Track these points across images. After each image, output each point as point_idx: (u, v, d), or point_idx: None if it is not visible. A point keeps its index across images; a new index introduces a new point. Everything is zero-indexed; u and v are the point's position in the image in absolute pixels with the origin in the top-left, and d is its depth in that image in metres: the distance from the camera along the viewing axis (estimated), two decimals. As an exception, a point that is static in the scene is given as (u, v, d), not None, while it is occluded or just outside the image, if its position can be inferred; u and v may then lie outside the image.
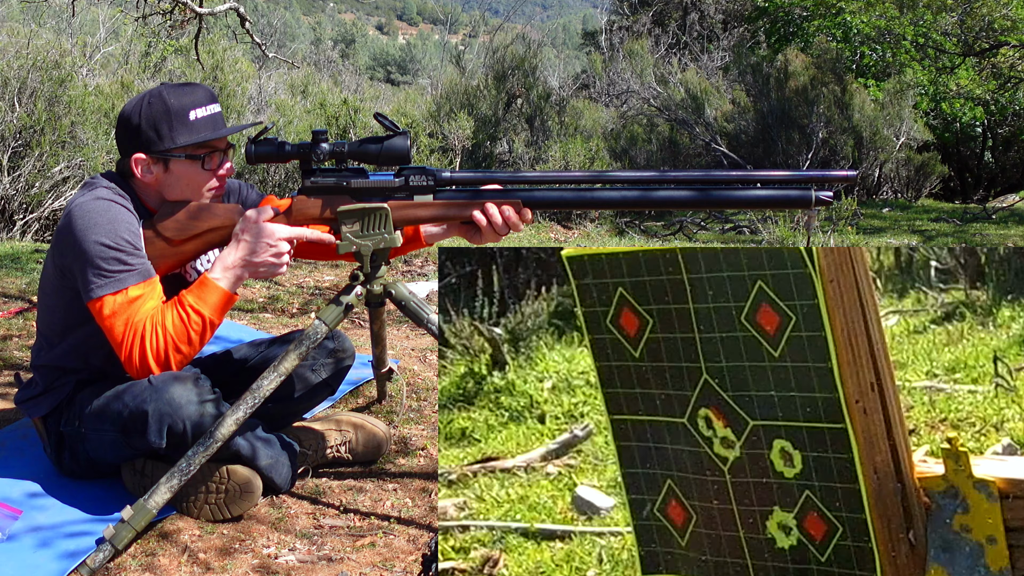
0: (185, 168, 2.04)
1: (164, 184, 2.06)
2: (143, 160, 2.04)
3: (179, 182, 2.05)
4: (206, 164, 2.05)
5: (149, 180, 2.05)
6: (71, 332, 2.11)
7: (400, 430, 2.61)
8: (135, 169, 2.04)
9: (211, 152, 2.06)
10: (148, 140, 2.02)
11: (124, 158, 2.06)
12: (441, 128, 9.80)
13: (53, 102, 6.85)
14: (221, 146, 2.09)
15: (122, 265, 1.96)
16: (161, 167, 2.04)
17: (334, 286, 4.48)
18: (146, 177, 2.05)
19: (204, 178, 2.07)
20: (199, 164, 2.05)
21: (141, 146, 2.03)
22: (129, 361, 1.99)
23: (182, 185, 2.06)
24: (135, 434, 2.03)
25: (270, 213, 2.02)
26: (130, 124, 2.04)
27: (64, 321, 2.11)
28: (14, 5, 11.83)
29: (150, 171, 2.05)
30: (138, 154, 2.03)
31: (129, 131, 2.04)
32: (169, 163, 2.04)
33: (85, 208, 1.99)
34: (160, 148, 2.02)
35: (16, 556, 1.92)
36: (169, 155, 2.03)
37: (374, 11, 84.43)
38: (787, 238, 6.49)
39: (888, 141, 11.40)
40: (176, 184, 2.06)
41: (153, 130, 2.02)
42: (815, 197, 1.87)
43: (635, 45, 12.61)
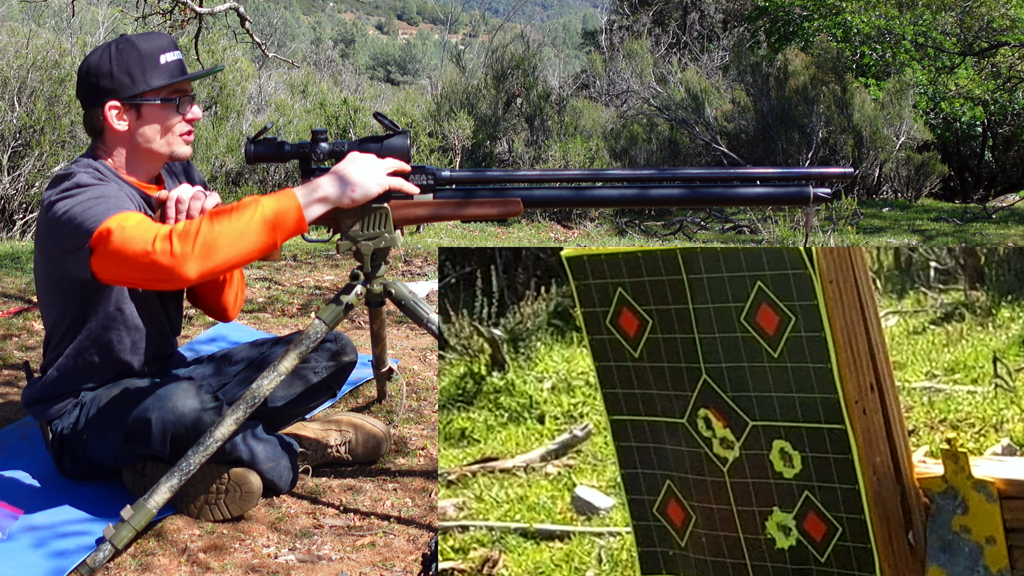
0: (158, 112, 2.02)
1: (138, 132, 2.02)
2: (117, 107, 2.00)
3: (152, 128, 2.02)
4: (180, 107, 2.04)
5: (123, 129, 2.02)
6: (72, 330, 2.11)
7: (400, 430, 2.61)
8: (109, 119, 2.00)
9: (184, 96, 2.05)
10: (121, 85, 1.99)
11: (95, 110, 2.01)
12: (441, 128, 9.80)
13: (53, 102, 6.86)
14: (189, 90, 2.08)
15: (110, 199, 1.89)
16: (134, 113, 2.01)
17: (334, 286, 4.48)
18: (120, 125, 2.01)
19: (176, 122, 2.04)
20: (173, 107, 2.03)
21: (113, 93, 1.99)
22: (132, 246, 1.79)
23: (156, 131, 2.03)
24: (138, 442, 2.03)
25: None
26: (100, 71, 1.99)
27: (64, 320, 2.10)
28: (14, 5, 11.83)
29: (123, 118, 2.01)
30: (112, 101, 1.99)
31: (100, 78, 1.99)
32: (142, 108, 2.01)
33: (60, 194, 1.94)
34: (133, 92, 1.99)
35: (16, 555, 1.92)
36: (143, 100, 2.00)
37: (374, 11, 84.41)
38: (787, 238, 6.49)
39: (888, 140, 11.41)
40: (150, 131, 2.02)
41: (126, 75, 1.98)
42: (813, 194, 1.87)
43: (635, 45, 12.62)
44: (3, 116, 6.60)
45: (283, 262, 5.06)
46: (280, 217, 1.83)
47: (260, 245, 1.82)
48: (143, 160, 2.08)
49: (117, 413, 2.06)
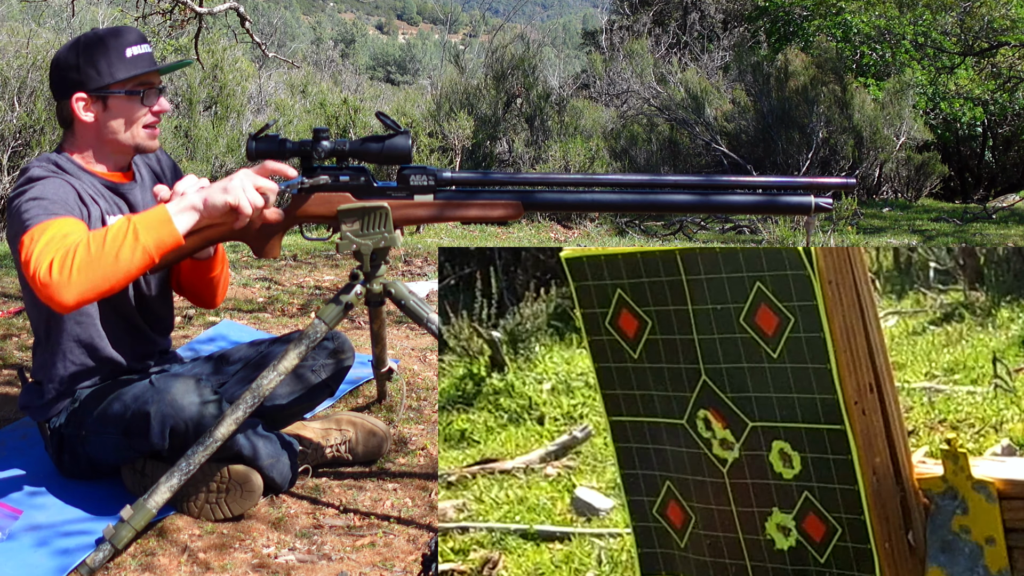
0: (124, 104, 2.06)
1: (104, 124, 2.07)
2: (84, 98, 2.05)
3: (118, 120, 2.07)
4: (145, 100, 2.08)
5: (89, 121, 2.06)
6: (52, 332, 2.13)
7: (400, 429, 2.62)
8: (76, 109, 2.05)
9: (150, 89, 2.09)
10: (87, 78, 2.04)
11: (63, 101, 2.08)
12: (441, 128, 9.80)
13: (52, 102, 6.85)
14: (157, 83, 2.12)
15: (46, 202, 1.93)
16: (100, 105, 2.06)
17: (334, 286, 4.48)
18: (87, 116, 2.06)
19: (142, 114, 2.08)
20: (138, 99, 2.07)
21: (80, 85, 2.05)
22: (27, 267, 1.81)
23: (121, 122, 2.08)
24: (137, 436, 2.03)
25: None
26: (68, 64, 2.05)
27: (43, 321, 2.13)
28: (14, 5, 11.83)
29: (90, 110, 2.06)
30: (79, 92, 2.05)
31: (68, 70, 2.05)
32: (108, 100, 2.06)
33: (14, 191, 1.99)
34: (99, 84, 2.04)
35: (16, 555, 1.93)
36: (108, 92, 2.05)
37: (374, 11, 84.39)
38: (787, 238, 6.49)
39: (888, 141, 11.41)
40: (115, 122, 2.07)
41: (92, 67, 2.04)
42: (814, 204, 1.87)
43: (635, 45, 12.61)
44: (3, 116, 6.60)
45: (283, 262, 5.06)
46: (150, 231, 1.83)
47: (138, 263, 1.82)
48: (110, 151, 2.12)
49: (116, 408, 2.06)
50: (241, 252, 5.21)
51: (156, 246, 1.83)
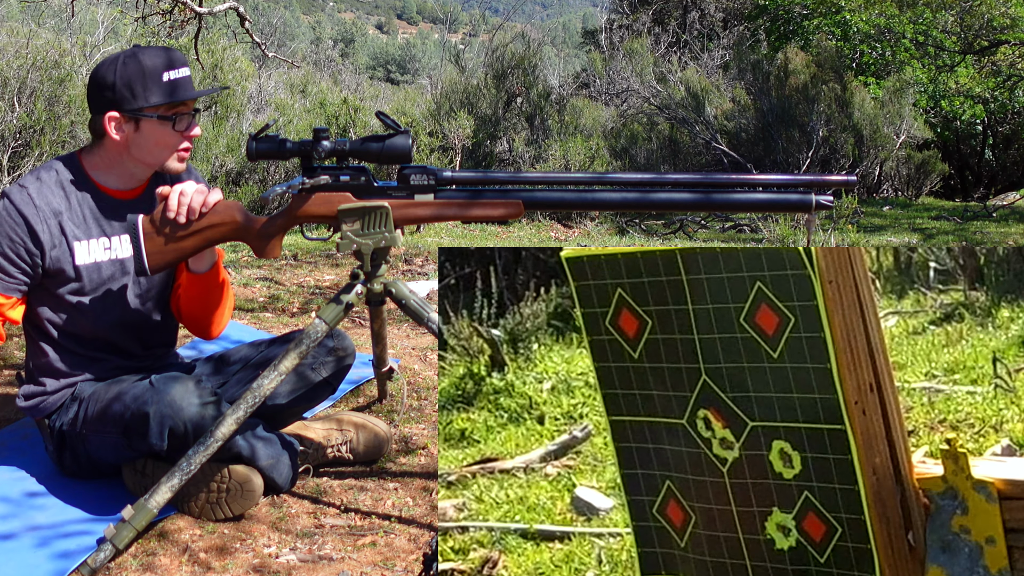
0: (156, 128, 2.07)
1: (134, 144, 2.08)
2: (116, 118, 2.06)
3: (148, 142, 2.08)
4: (177, 125, 2.09)
5: (120, 139, 2.08)
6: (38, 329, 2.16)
7: (401, 429, 2.62)
8: (108, 127, 2.06)
9: (182, 114, 2.09)
10: (122, 98, 2.05)
11: (97, 116, 2.09)
12: (441, 127, 9.79)
13: (53, 102, 6.86)
14: (190, 108, 2.12)
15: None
16: (132, 126, 2.07)
17: (334, 285, 4.48)
18: (118, 135, 2.07)
19: (174, 139, 2.10)
20: (170, 125, 2.08)
21: (115, 104, 2.06)
22: None
23: (151, 145, 2.09)
24: (136, 436, 2.04)
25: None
26: (105, 82, 2.06)
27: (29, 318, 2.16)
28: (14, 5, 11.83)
29: (122, 130, 2.07)
30: (112, 112, 2.06)
31: (104, 89, 2.06)
32: (140, 123, 2.07)
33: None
34: (133, 107, 2.05)
35: (17, 555, 1.93)
36: (141, 115, 2.05)
37: (374, 10, 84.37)
38: (787, 236, 6.49)
39: (888, 139, 11.41)
40: (146, 144, 2.08)
41: (127, 89, 2.04)
42: (815, 201, 1.87)
43: (635, 44, 12.61)
44: (3, 116, 6.60)
45: (283, 261, 5.06)
46: None
47: None
48: (133, 168, 2.14)
49: (116, 408, 2.07)
50: (241, 252, 5.21)
51: None
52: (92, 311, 2.14)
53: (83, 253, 2.11)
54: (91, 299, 2.14)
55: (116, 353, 2.22)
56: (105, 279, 2.15)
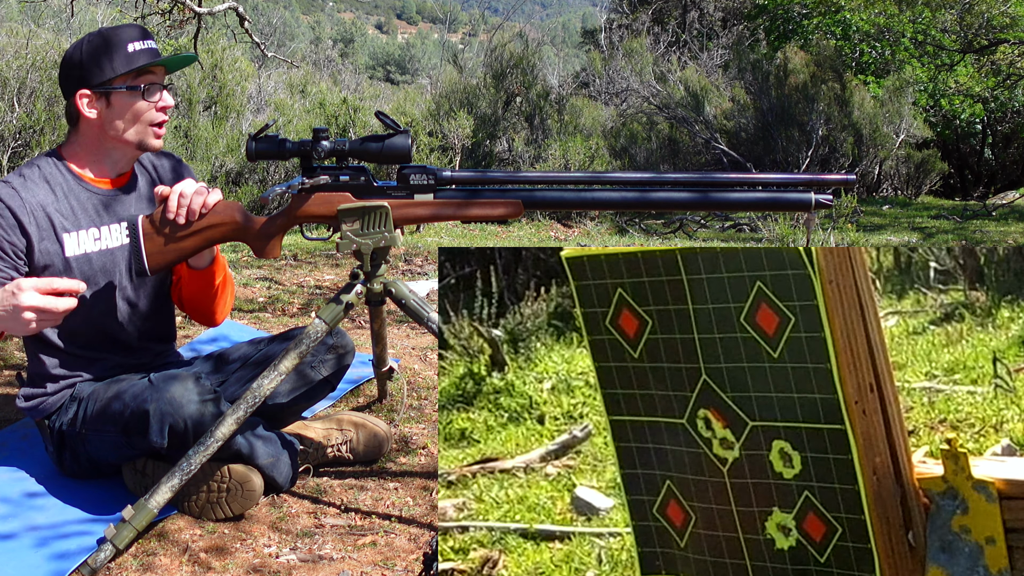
0: (126, 100, 2.07)
1: (107, 121, 2.08)
2: (87, 95, 2.06)
3: (122, 116, 2.08)
4: (147, 95, 2.08)
5: (94, 117, 2.08)
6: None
7: (401, 429, 2.62)
8: (80, 106, 2.07)
9: (151, 84, 2.09)
10: (89, 74, 2.05)
11: (70, 99, 2.09)
12: (441, 127, 9.80)
13: (52, 102, 6.85)
14: (160, 79, 2.12)
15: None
16: (104, 103, 2.07)
17: (334, 285, 4.48)
18: (91, 112, 2.07)
19: (146, 110, 2.09)
20: (140, 95, 2.07)
21: (83, 81, 2.06)
22: None
23: (124, 120, 2.08)
24: (136, 434, 2.04)
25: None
26: (72, 61, 2.07)
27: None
28: (13, 5, 11.83)
29: (94, 106, 2.07)
30: (82, 89, 2.06)
31: (72, 68, 2.07)
32: (111, 96, 2.07)
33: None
34: (101, 79, 2.05)
35: (17, 556, 1.93)
36: (110, 87, 2.06)
37: (373, 10, 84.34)
38: (787, 236, 6.49)
39: (888, 138, 11.41)
40: (119, 119, 2.08)
41: (94, 63, 2.05)
42: (814, 200, 1.87)
43: (634, 43, 12.61)
44: (3, 116, 6.60)
45: (283, 261, 5.06)
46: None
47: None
48: (112, 150, 2.13)
49: (115, 407, 2.07)
50: (241, 252, 5.21)
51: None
52: (85, 303, 2.13)
53: (72, 245, 2.10)
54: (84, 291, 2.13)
55: (114, 348, 2.21)
56: (96, 270, 2.14)
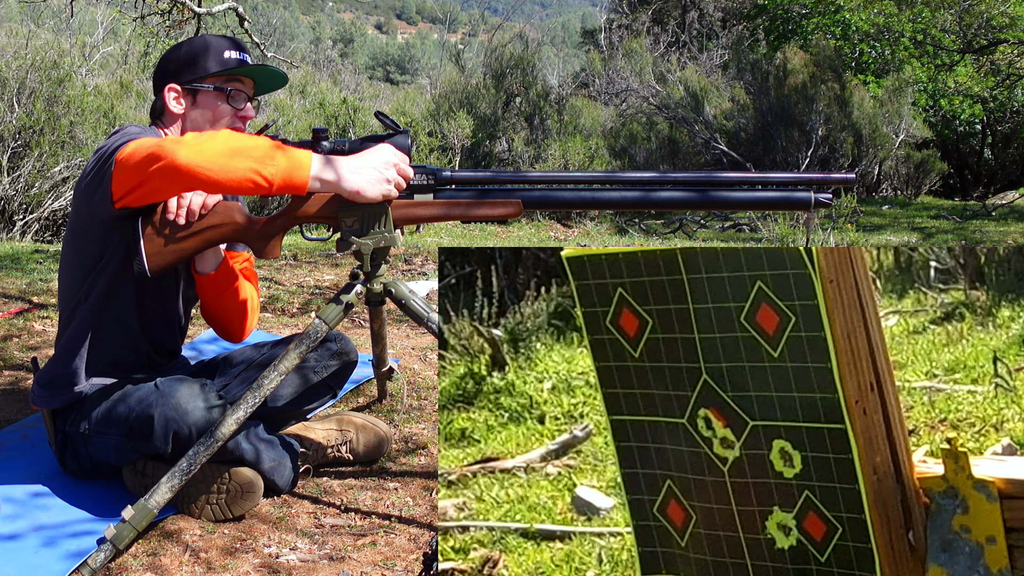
0: (210, 100, 2.14)
1: (190, 118, 2.15)
2: (176, 89, 2.14)
3: (204, 115, 2.14)
4: (231, 99, 2.14)
5: (178, 112, 2.15)
6: (80, 305, 2.10)
7: (401, 429, 2.62)
8: (167, 100, 2.14)
9: (238, 92, 2.16)
10: (182, 70, 2.14)
11: (158, 94, 2.16)
12: (440, 127, 9.80)
13: (52, 102, 6.85)
14: (247, 90, 2.19)
15: (143, 134, 2.02)
16: (191, 99, 2.15)
17: (334, 285, 4.49)
18: (176, 108, 2.14)
19: (226, 114, 2.15)
20: (224, 97, 2.14)
21: (175, 76, 2.14)
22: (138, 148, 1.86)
23: (206, 119, 2.15)
24: (140, 439, 2.03)
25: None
26: (171, 57, 2.16)
27: (75, 289, 2.10)
28: (13, 5, 11.83)
29: (180, 102, 2.15)
30: (172, 84, 2.14)
31: (168, 63, 2.16)
32: (198, 95, 2.14)
33: (106, 140, 2.07)
34: (191, 77, 2.13)
35: (18, 556, 1.93)
36: (199, 85, 2.12)
37: (373, 10, 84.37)
38: (787, 236, 6.49)
39: (887, 138, 11.42)
40: (200, 118, 2.15)
41: (190, 60, 2.13)
42: (814, 199, 1.88)
43: (634, 43, 12.62)
44: (3, 117, 6.60)
45: (283, 261, 5.06)
46: (287, 160, 1.86)
47: (252, 173, 1.82)
48: None
49: (120, 410, 2.07)
50: (241, 252, 5.20)
51: (282, 176, 1.84)
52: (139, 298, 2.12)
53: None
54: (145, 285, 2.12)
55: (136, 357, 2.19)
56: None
